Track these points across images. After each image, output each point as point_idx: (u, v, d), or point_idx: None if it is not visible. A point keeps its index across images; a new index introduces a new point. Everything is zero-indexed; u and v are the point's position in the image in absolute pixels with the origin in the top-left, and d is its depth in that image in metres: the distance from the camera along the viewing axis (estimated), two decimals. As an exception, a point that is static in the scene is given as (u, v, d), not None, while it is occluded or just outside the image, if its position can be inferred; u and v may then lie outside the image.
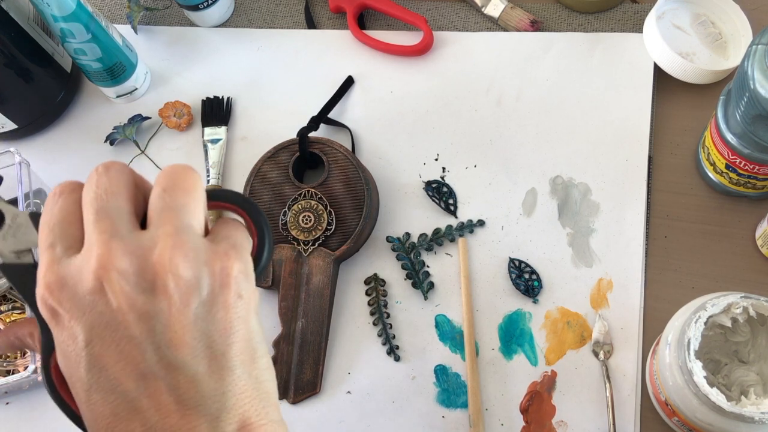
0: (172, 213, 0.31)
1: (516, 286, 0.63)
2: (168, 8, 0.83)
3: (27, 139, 0.78)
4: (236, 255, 0.32)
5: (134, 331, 0.30)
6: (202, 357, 0.30)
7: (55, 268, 0.30)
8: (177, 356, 0.30)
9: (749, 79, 0.51)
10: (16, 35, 0.71)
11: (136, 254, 0.30)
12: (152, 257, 0.30)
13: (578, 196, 0.66)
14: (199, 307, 0.31)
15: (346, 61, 0.76)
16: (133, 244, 0.30)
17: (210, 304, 0.31)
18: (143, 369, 0.30)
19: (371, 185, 0.67)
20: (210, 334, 0.31)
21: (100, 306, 0.30)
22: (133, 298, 0.30)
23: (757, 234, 0.62)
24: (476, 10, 0.76)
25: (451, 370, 0.62)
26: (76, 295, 0.30)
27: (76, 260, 0.31)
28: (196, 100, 0.76)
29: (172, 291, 0.30)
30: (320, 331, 0.64)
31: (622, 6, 0.74)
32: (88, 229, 0.31)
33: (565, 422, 0.59)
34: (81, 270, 0.30)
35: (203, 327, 0.30)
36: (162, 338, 0.30)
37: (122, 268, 0.30)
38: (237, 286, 0.32)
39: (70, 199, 0.32)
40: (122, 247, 0.30)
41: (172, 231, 0.30)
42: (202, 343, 0.30)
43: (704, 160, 0.63)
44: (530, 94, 0.71)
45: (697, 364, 0.48)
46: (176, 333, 0.30)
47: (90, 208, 0.31)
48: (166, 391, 0.30)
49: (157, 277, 0.30)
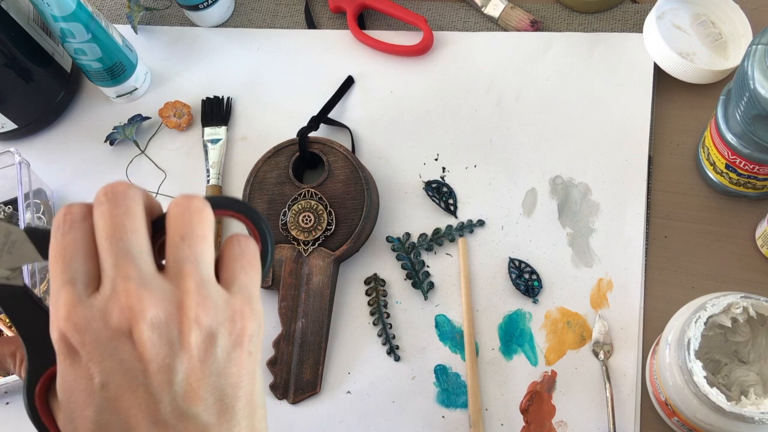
0: (192, 266, 0.32)
1: (516, 286, 0.63)
2: (168, 8, 0.83)
3: (27, 139, 0.78)
4: (251, 313, 0.33)
5: (153, 380, 0.31)
6: (213, 409, 0.31)
7: (79, 308, 0.30)
8: (190, 407, 0.31)
9: (749, 79, 0.51)
10: (16, 35, 0.71)
11: (164, 306, 0.30)
12: (179, 311, 0.31)
13: (578, 196, 0.66)
14: (215, 363, 0.32)
15: (346, 61, 0.76)
16: (159, 294, 0.31)
17: (225, 361, 0.32)
18: (157, 417, 0.31)
19: (371, 185, 0.68)
20: (222, 388, 0.32)
21: (123, 353, 0.30)
22: (158, 350, 0.30)
23: (757, 234, 0.62)
24: (476, 10, 0.76)
25: (451, 370, 0.62)
26: (100, 338, 0.30)
27: (99, 302, 0.31)
28: (196, 100, 0.76)
29: (194, 346, 0.31)
30: (320, 331, 0.64)
31: (622, 6, 0.74)
32: (109, 270, 0.31)
33: (565, 422, 0.59)
34: (107, 314, 0.30)
35: (216, 381, 0.32)
36: (178, 389, 0.31)
37: (151, 319, 0.30)
38: (250, 344, 0.33)
39: (83, 228, 0.31)
40: (150, 297, 0.30)
41: (195, 287, 0.31)
42: (214, 396, 0.32)
43: (704, 160, 0.63)
44: (530, 94, 0.71)
45: (697, 364, 0.48)
46: (191, 386, 0.31)
47: (109, 247, 0.31)
48: None
49: (182, 331, 0.31)
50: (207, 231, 0.32)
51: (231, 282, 0.33)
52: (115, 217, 0.31)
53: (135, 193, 0.32)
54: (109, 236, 0.31)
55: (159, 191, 0.73)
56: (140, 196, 0.32)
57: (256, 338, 0.33)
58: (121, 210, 0.31)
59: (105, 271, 0.31)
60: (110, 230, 0.31)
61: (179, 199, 0.33)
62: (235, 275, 0.33)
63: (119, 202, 0.31)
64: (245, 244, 0.34)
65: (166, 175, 0.74)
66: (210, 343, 0.31)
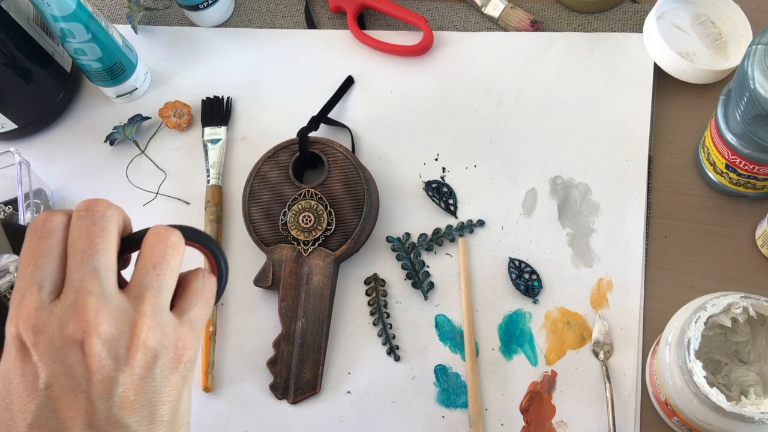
0: (153, 293, 0.35)
1: (516, 286, 0.63)
2: (168, 8, 0.83)
3: (27, 139, 0.78)
4: (192, 342, 0.37)
5: (95, 389, 0.33)
6: (144, 421, 0.35)
7: (40, 312, 0.33)
8: (124, 417, 0.34)
9: (749, 79, 0.51)
10: (16, 35, 0.71)
11: (118, 324, 0.34)
12: (131, 330, 0.34)
13: (578, 196, 0.66)
14: (153, 381, 0.35)
15: (346, 61, 0.76)
16: (116, 313, 0.34)
17: (162, 380, 0.35)
18: (92, 421, 0.33)
19: (371, 185, 0.68)
20: (155, 403, 0.35)
21: (71, 359, 0.33)
22: (104, 363, 0.33)
23: (757, 234, 0.62)
24: (476, 10, 0.76)
25: (451, 370, 0.62)
26: (52, 343, 0.33)
27: (60, 310, 0.33)
28: (196, 100, 0.76)
29: (137, 364, 0.34)
30: (320, 331, 0.64)
31: (622, 6, 0.74)
32: (75, 282, 0.33)
33: (565, 422, 0.59)
34: (64, 322, 0.33)
35: (151, 397, 0.35)
36: (116, 400, 0.34)
37: (104, 334, 0.33)
38: (184, 368, 0.37)
39: (58, 237, 0.34)
40: (107, 313, 0.33)
41: (151, 312, 0.35)
42: (148, 410, 0.35)
43: (704, 160, 0.63)
44: (530, 94, 0.71)
45: (697, 364, 0.48)
46: (129, 398, 0.34)
47: (80, 261, 0.34)
48: None
49: (130, 348, 0.34)
50: (177, 265, 0.36)
51: (184, 312, 0.37)
52: (90, 235, 0.34)
53: (113, 213, 0.35)
54: (81, 251, 0.34)
55: (159, 191, 0.73)
56: (117, 216, 0.35)
57: (191, 364, 0.37)
58: (98, 228, 0.34)
59: (70, 282, 0.34)
60: (84, 246, 0.34)
61: (160, 229, 0.36)
62: (189, 307, 0.37)
63: (97, 221, 0.34)
64: (207, 282, 0.38)
65: (166, 175, 0.74)
66: (152, 363, 0.35)
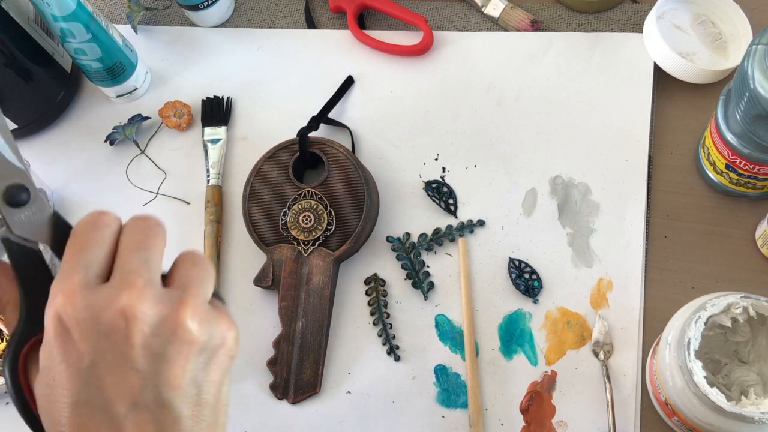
0: (197, 285, 0.37)
1: (516, 286, 0.63)
2: (168, 8, 0.83)
3: (27, 139, 0.78)
4: (233, 326, 0.38)
5: (141, 366, 0.34)
6: (190, 402, 0.35)
7: (86, 292, 0.34)
8: (170, 396, 0.34)
9: (749, 79, 0.51)
10: (16, 35, 0.71)
11: (163, 305, 0.34)
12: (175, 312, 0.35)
13: (578, 196, 0.66)
14: (202, 361, 0.36)
15: (346, 61, 0.76)
16: (162, 297, 0.35)
17: (211, 361, 0.36)
18: (138, 399, 0.33)
19: (371, 185, 0.68)
20: (200, 384, 0.35)
21: (117, 336, 0.33)
22: (150, 340, 0.34)
23: (757, 234, 0.62)
24: (476, 10, 0.76)
25: (451, 370, 0.62)
26: (97, 321, 0.33)
27: (105, 291, 0.34)
28: (196, 100, 0.76)
29: (185, 343, 0.35)
30: (320, 331, 0.64)
31: (622, 6, 0.74)
32: (125, 266, 0.35)
33: (565, 422, 0.59)
34: (109, 301, 0.33)
35: (199, 377, 0.35)
36: (162, 378, 0.34)
37: (149, 313, 0.34)
38: (230, 350, 0.38)
39: (111, 231, 0.36)
40: (153, 296, 0.34)
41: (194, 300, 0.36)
42: (193, 390, 0.35)
43: (704, 160, 0.63)
44: (530, 94, 0.71)
45: (697, 364, 0.48)
46: (175, 377, 0.34)
47: (133, 251, 0.35)
48: (152, 422, 0.34)
49: (176, 328, 0.34)
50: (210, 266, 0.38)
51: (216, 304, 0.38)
52: (147, 232, 0.36)
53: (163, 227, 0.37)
54: (137, 242, 0.35)
55: (159, 191, 0.73)
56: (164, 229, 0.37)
57: (236, 347, 0.38)
58: (153, 231, 0.36)
59: (120, 267, 0.35)
60: (140, 238, 0.36)
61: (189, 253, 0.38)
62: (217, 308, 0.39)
63: (152, 225, 0.37)
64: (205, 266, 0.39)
65: (166, 175, 0.74)
66: (201, 343, 0.35)
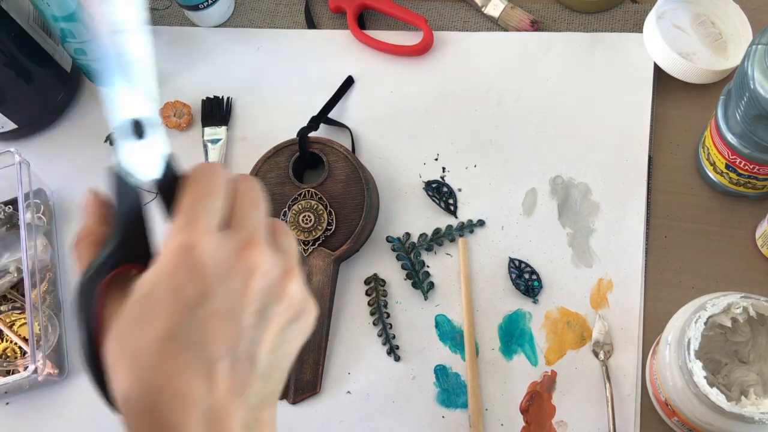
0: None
1: (516, 286, 0.63)
2: (168, 8, 0.83)
3: (27, 139, 0.78)
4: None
5: (246, 319, 0.34)
6: (269, 364, 0.35)
7: (214, 235, 0.34)
8: (258, 353, 0.35)
9: (749, 79, 0.51)
10: (16, 35, 0.71)
11: (278, 268, 0.36)
12: (285, 276, 0.36)
13: (578, 196, 0.66)
14: (289, 326, 0.36)
15: (346, 61, 0.76)
16: (277, 260, 0.36)
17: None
18: (234, 348, 0.34)
19: (371, 185, 0.67)
20: (283, 351, 0.36)
21: (236, 285, 0.34)
22: (262, 296, 0.35)
23: (757, 234, 0.62)
24: (476, 10, 0.76)
25: (451, 370, 0.62)
26: (221, 265, 0.34)
27: (233, 239, 0.35)
28: (196, 100, 0.76)
29: (286, 305, 0.36)
30: (320, 331, 0.64)
31: (622, 6, 0.74)
32: (248, 223, 0.36)
33: (565, 422, 0.59)
34: (238, 251, 0.34)
35: (282, 344, 0.36)
36: (257, 335, 0.35)
37: (267, 274, 0.35)
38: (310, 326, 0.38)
39: (226, 183, 0.36)
40: (271, 257, 0.35)
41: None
42: (276, 355, 0.36)
43: (704, 160, 0.63)
44: (530, 94, 0.71)
45: (697, 364, 0.48)
46: (269, 338, 0.35)
47: (254, 208, 0.37)
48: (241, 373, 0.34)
49: (282, 292, 0.36)
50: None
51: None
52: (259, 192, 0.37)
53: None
54: (253, 200, 0.37)
55: (159, 191, 0.73)
56: None
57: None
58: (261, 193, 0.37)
59: (243, 222, 0.36)
60: (256, 198, 0.37)
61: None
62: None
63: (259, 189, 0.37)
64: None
65: (166, 175, 0.74)
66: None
